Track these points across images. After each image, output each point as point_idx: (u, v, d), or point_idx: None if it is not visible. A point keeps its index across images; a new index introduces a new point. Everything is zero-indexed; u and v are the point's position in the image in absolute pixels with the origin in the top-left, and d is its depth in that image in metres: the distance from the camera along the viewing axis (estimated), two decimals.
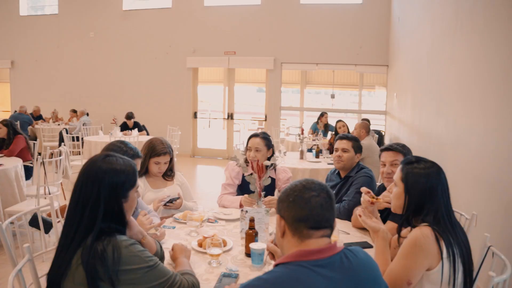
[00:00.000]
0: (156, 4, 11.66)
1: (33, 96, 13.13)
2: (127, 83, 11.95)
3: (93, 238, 1.53)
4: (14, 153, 5.31)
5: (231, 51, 10.75)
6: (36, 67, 13.20)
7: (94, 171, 1.61)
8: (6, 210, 4.33)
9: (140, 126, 8.90)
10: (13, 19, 13.44)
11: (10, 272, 3.99)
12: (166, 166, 3.09)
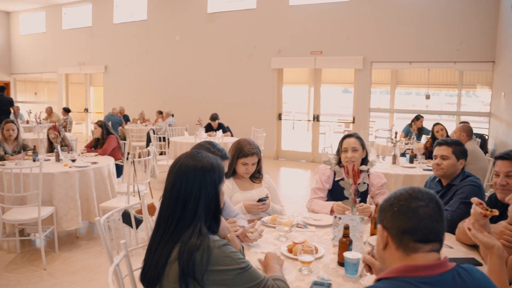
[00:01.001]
0: (240, 6, 11.91)
1: (123, 98, 14.08)
2: (211, 85, 12.34)
3: (191, 235, 1.57)
4: (107, 152, 5.71)
5: (317, 51, 10.64)
6: (126, 71, 14.14)
7: (193, 168, 1.66)
8: (100, 206, 4.65)
9: (225, 128, 9.12)
10: (107, 27, 14.54)
11: (105, 262, 4.30)
12: (253, 168, 3.09)
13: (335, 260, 2.20)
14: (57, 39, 16.22)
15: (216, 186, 1.69)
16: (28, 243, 4.87)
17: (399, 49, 10.00)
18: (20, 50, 17.54)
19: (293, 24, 10.99)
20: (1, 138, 5.45)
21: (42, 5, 16.34)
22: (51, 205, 4.46)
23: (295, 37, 10.98)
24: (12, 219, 4.11)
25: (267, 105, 11.49)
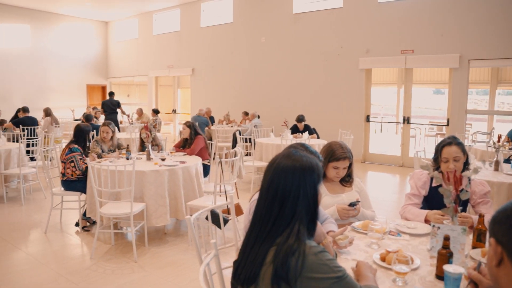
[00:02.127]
0: (326, 5, 11.76)
1: (209, 99, 14.55)
2: (297, 86, 12.32)
3: (288, 236, 1.54)
4: (195, 152, 5.91)
5: (408, 50, 10.17)
6: (213, 73, 14.60)
7: (291, 168, 1.63)
8: (187, 204, 4.81)
9: (311, 129, 9.05)
10: (195, 31, 15.13)
11: (191, 259, 4.43)
12: (344, 172, 3.00)
13: (433, 272, 2.05)
14: (148, 44, 17.21)
15: (315, 186, 1.65)
16: (120, 236, 5.18)
17: (501, 44, 9.17)
18: (115, 56, 18.87)
19: (382, 22, 10.62)
20: (99, 138, 5.86)
21: (135, 13, 17.44)
22: (142, 202, 4.70)
23: (384, 35, 10.60)
24: (108, 213, 4.40)
25: (354, 107, 11.21)
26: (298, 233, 1.55)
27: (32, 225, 5.71)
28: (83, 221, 5.40)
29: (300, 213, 1.58)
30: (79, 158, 5.20)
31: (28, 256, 4.65)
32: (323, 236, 1.85)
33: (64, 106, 16.50)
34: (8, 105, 14.51)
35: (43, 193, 7.31)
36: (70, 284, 3.91)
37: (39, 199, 7.06)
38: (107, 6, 16.26)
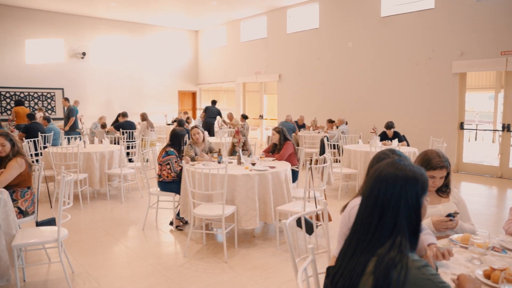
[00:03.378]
0: (416, 7, 11.30)
1: (296, 105, 14.62)
2: (386, 92, 11.98)
3: (389, 248, 1.52)
4: (284, 158, 5.99)
5: (509, 51, 9.44)
6: (299, 79, 14.66)
7: (393, 176, 1.61)
8: (277, 208, 4.89)
9: (400, 136, 8.76)
10: (281, 37, 15.32)
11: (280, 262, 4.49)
12: (441, 182, 2.87)
13: None
14: (236, 51, 17.72)
15: (418, 198, 1.60)
16: (211, 236, 5.39)
17: None
18: (204, 63, 19.67)
19: (478, 21, 9.94)
20: (192, 141, 6.15)
21: (223, 22, 18.07)
22: (233, 204, 4.86)
23: (481, 36, 9.91)
24: (200, 214, 4.60)
25: (447, 113, 10.63)
26: (400, 246, 1.51)
27: (131, 222, 6.13)
28: (177, 220, 5.69)
29: (401, 225, 1.55)
30: (174, 161, 5.51)
31: (128, 250, 5.01)
32: (425, 250, 1.80)
33: (158, 111, 17.51)
34: (109, 110, 15.71)
35: (140, 192, 7.83)
36: (166, 279, 4.15)
37: (136, 198, 7.56)
38: (198, 16, 17.02)
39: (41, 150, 8.71)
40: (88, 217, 6.39)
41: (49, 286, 4.03)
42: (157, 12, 16.14)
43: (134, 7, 15.27)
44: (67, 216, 3.87)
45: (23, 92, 15.32)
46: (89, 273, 4.27)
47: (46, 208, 6.73)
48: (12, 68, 15.11)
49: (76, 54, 16.37)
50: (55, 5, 14.97)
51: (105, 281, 4.09)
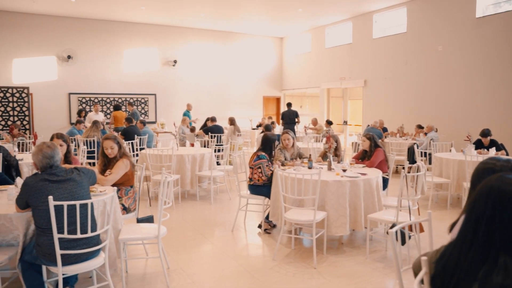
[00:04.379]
0: None
1: (382, 111, 14.20)
2: (480, 97, 11.22)
3: (489, 271, 1.39)
4: (374, 164, 5.82)
5: None
6: (385, 84, 14.22)
7: (487, 189, 1.50)
8: (368, 216, 4.75)
9: (498, 145, 8.13)
10: (367, 42, 14.98)
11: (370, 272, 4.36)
12: None
13: None
14: (320, 57, 17.62)
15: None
16: (298, 241, 5.37)
17: None
18: (289, 69, 19.77)
19: None
20: (282, 146, 6.19)
21: (308, 28, 18.04)
22: (323, 210, 4.80)
23: None
24: (291, 218, 4.61)
25: None
26: (506, 268, 1.36)
27: (220, 223, 6.29)
28: (265, 223, 5.75)
29: (501, 243, 1.40)
30: (265, 165, 5.57)
31: (218, 249, 5.14)
32: None
33: (243, 116, 17.86)
34: (197, 114, 16.31)
35: (228, 195, 8.02)
36: (256, 280, 4.20)
37: (224, 200, 7.76)
38: (284, 23, 17.17)
39: (137, 151, 9.25)
40: (180, 216, 6.66)
41: (147, 278, 4.25)
42: (244, 20, 16.53)
43: (223, 16, 15.78)
44: (166, 215, 4.06)
45: (120, 97, 16.45)
46: (183, 270, 4.44)
47: (145, 206, 7.12)
48: (112, 76, 16.32)
49: (168, 62, 17.27)
50: (150, 18, 15.93)
51: (199, 279, 4.23)
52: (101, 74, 16.17)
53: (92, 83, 16.03)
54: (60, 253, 3.07)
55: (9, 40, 14.80)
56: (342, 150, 6.45)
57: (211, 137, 10.49)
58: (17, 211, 3.32)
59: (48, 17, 15.25)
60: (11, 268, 3.45)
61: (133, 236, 3.90)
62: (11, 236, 3.42)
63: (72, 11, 14.82)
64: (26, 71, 15.03)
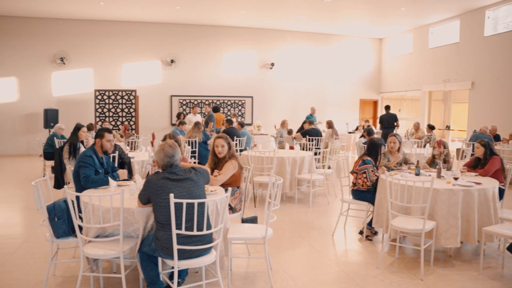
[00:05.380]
0: None
1: (491, 115, 13.15)
2: None
3: None
4: (489, 173, 5.40)
5: None
6: (497, 86, 13.14)
7: None
8: (483, 229, 4.42)
9: None
10: (477, 41, 13.96)
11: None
12: None
13: None
14: (422, 58, 16.79)
15: None
16: (402, 250, 5.17)
17: None
18: (388, 71, 19.10)
19: None
20: (386, 150, 6.00)
21: (410, 28, 17.28)
22: (432, 219, 4.56)
23: None
24: (398, 226, 4.44)
25: None
26: None
27: (319, 227, 6.26)
28: (367, 230, 5.61)
29: None
30: (371, 170, 5.44)
31: (319, 253, 5.12)
32: None
33: (339, 119, 17.60)
34: (293, 117, 16.43)
35: (326, 199, 7.95)
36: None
37: (323, 204, 7.70)
38: (384, 24, 16.64)
39: (237, 152, 9.53)
40: (278, 217, 6.72)
41: (250, 277, 4.35)
42: (342, 22, 16.32)
43: (321, 18, 15.72)
44: (273, 217, 4.13)
45: (219, 99, 17.09)
46: (285, 271, 4.48)
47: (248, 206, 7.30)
48: (211, 79, 17.06)
49: (265, 65, 17.59)
50: (249, 22, 16.37)
51: (301, 282, 4.24)
52: (201, 77, 16.95)
53: (192, 85, 16.88)
54: (177, 248, 3.26)
55: (120, 47, 16.14)
56: (451, 157, 6.08)
57: (308, 140, 10.48)
58: (139, 205, 3.58)
59: (155, 24, 16.36)
60: (131, 257, 3.73)
61: (240, 235, 4.03)
62: (132, 229, 3.71)
63: (176, 18, 15.75)
64: (133, 75, 16.30)
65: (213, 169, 4.96)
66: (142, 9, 14.38)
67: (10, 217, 6.93)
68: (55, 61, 15.65)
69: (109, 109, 14.63)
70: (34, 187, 3.93)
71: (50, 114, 14.47)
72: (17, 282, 4.18)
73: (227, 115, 16.40)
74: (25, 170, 11.85)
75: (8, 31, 15.30)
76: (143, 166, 6.96)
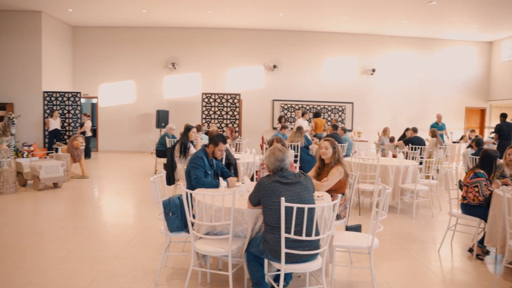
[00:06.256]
0: None
1: None
2: None
3: None
4: None
5: None
6: None
7: None
8: None
9: None
10: None
11: None
12: None
13: None
14: None
15: None
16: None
17: None
18: (498, 78, 17.48)
19: None
20: (505, 161, 5.45)
21: None
22: None
23: None
24: None
25: None
26: None
27: (423, 240, 5.84)
28: (478, 248, 5.11)
29: None
30: (483, 184, 4.96)
31: (425, 268, 4.74)
32: None
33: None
34: (394, 124, 15.75)
35: (430, 211, 7.44)
36: None
37: (427, 216, 7.21)
38: (495, 26, 15.25)
39: None
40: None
41: (352, 287, 4.18)
42: (447, 26, 15.27)
43: (425, 22, 14.88)
44: (380, 227, 3.93)
45: (319, 105, 16.94)
46: (389, 284, 4.24)
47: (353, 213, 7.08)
48: (312, 84, 16.98)
49: (366, 71, 17.09)
50: (351, 27, 16.02)
51: None
52: (302, 82, 16.95)
53: (293, 90, 16.94)
54: (285, 252, 3.22)
55: (225, 53, 16.75)
56: None
57: (411, 148, 9.93)
58: (249, 207, 3.61)
59: (258, 31, 16.72)
60: (237, 256, 3.77)
61: (345, 243, 3.88)
62: (240, 229, 3.74)
63: (279, 24, 15.94)
64: (237, 80, 16.78)
65: (318, 173, 4.87)
66: (247, 17, 14.78)
67: (126, 208, 7.46)
68: (167, 66, 16.68)
69: (214, 112, 15.19)
70: (153, 183, 4.16)
71: (162, 115, 15.43)
72: (133, 269, 4.45)
73: (327, 121, 16.21)
74: (139, 166, 12.74)
75: (128, 39, 16.68)
76: (248, 168, 7.07)
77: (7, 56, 14.63)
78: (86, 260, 4.73)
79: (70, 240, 5.47)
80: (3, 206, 7.33)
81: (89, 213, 7.00)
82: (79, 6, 13.85)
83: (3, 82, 14.65)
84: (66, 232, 5.87)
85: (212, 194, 3.66)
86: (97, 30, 16.76)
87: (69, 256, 4.85)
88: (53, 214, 6.99)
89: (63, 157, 9.49)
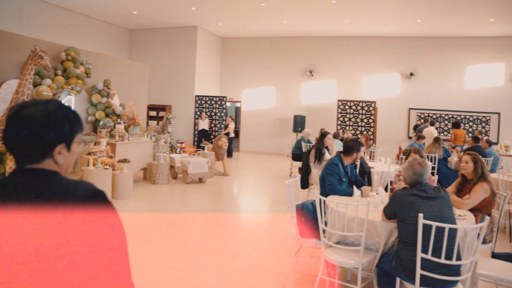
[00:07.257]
0: None
1: None
2: None
3: None
4: None
5: None
6: None
7: None
8: None
9: None
10: None
11: None
12: None
13: None
14: None
15: None
16: None
17: None
18: None
19: None
20: None
21: None
22: None
23: None
24: None
25: None
26: None
27: None
28: None
29: None
30: None
31: None
32: None
33: None
34: None
35: None
36: None
37: None
38: None
39: None
40: None
41: None
42: None
43: None
44: None
45: (459, 115, 15.35)
46: None
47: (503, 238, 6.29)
48: (451, 93, 15.43)
49: None
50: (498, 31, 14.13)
51: None
52: (441, 91, 15.56)
53: (431, 99, 15.65)
54: (420, 273, 2.94)
55: (361, 61, 16.24)
56: None
57: None
58: (383, 220, 3.39)
59: (395, 38, 15.84)
60: (367, 270, 3.57)
61: (492, 274, 3.39)
62: (372, 242, 3.54)
63: (416, 31, 14.87)
64: (373, 87, 16.13)
65: (459, 189, 4.39)
66: (383, 25, 14.12)
67: (262, 207, 7.70)
68: (304, 73, 16.85)
69: (349, 118, 14.86)
70: (288, 186, 4.18)
71: (299, 120, 15.63)
72: (262, 270, 4.52)
73: (468, 132, 14.66)
74: (275, 167, 13.07)
75: (269, 48, 17.32)
76: (382, 177, 6.72)
77: (169, 65, 16.42)
78: (221, 254, 4.96)
79: (209, 233, 5.82)
80: (157, 194, 8.16)
81: (228, 209, 7.39)
82: (228, 20, 14.87)
83: (165, 87, 16.45)
84: (206, 224, 6.27)
85: (345, 203, 3.54)
86: (242, 41, 17.75)
87: (207, 247, 5.15)
88: (196, 206, 7.55)
89: (208, 155, 10.20)
